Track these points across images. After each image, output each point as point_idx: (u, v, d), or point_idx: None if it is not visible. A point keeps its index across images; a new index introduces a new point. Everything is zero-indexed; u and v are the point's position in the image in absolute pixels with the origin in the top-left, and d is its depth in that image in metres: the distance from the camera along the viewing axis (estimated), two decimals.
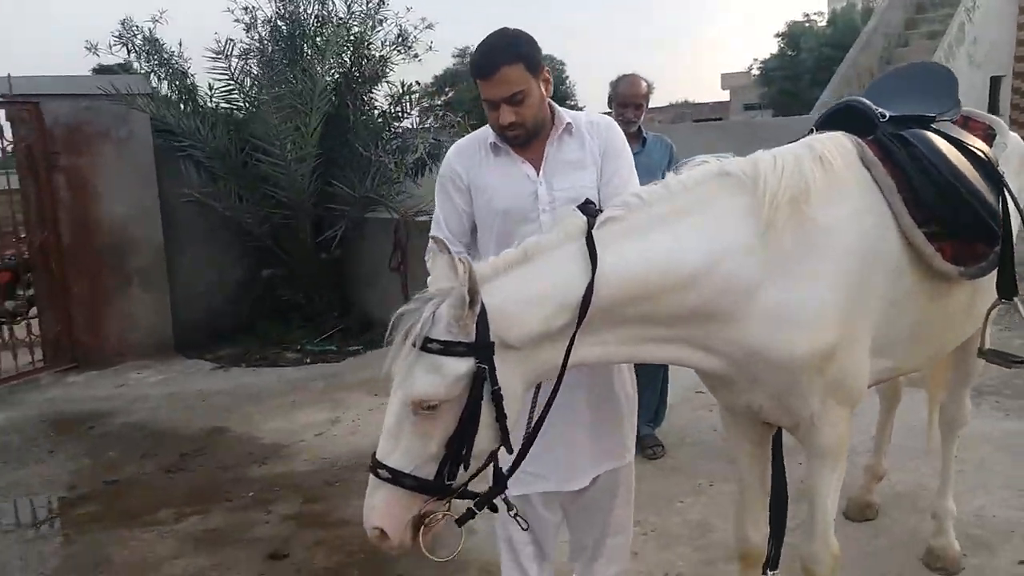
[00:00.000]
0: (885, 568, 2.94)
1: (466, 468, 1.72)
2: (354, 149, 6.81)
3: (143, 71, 7.14)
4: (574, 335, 1.75)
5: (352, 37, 6.91)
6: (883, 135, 2.19)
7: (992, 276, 2.29)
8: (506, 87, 2.11)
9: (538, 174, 2.26)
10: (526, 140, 2.23)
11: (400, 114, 7.24)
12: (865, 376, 2.09)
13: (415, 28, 7.42)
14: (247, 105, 6.98)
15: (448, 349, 1.64)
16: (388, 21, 7.31)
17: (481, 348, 1.65)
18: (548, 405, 1.84)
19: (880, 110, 2.27)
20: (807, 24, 27.57)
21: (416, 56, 7.50)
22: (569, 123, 2.29)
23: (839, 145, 2.10)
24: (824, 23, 26.98)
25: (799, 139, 2.25)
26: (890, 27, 12.71)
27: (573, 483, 2.36)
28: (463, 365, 1.65)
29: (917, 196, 2.08)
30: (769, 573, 2.40)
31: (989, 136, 2.52)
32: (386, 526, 1.68)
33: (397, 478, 1.67)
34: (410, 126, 7.20)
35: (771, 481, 2.37)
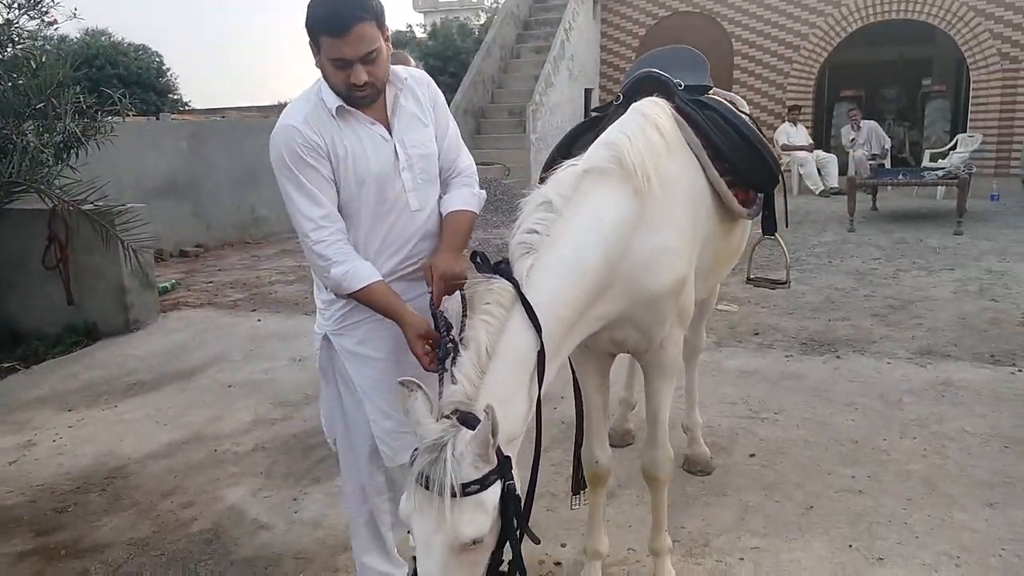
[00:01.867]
0: None
1: None
2: None
3: None
4: (539, 396, 1.90)
5: None
6: (682, 101, 2.59)
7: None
8: (363, 45, 2.01)
9: (390, 134, 2.22)
10: (373, 100, 2.16)
11: (39, 88, 6.14)
12: (694, 301, 2.48)
13: None
14: None
15: (484, 485, 1.65)
16: None
17: (506, 469, 1.69)
18: (535, 467, 1.90)
19: (677, 80, 2.68)
20: (409, 35, 29.19)
21: (53, 23, 6.49)
22: (406, 78, 2.27)
23: (663, 109, 2.44)
24: (425, 35, 28.79)
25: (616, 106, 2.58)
26: (505, 40, 14.17)
27: None
28: (497, 490, 1.67)
29: (717, 151, 2.51)
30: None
31: (733, 106, 3.10)
32: None
33: None
34: (54, 101, 6.12)
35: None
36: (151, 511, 3.37)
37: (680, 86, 2.65)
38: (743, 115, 2.84)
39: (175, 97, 28.61)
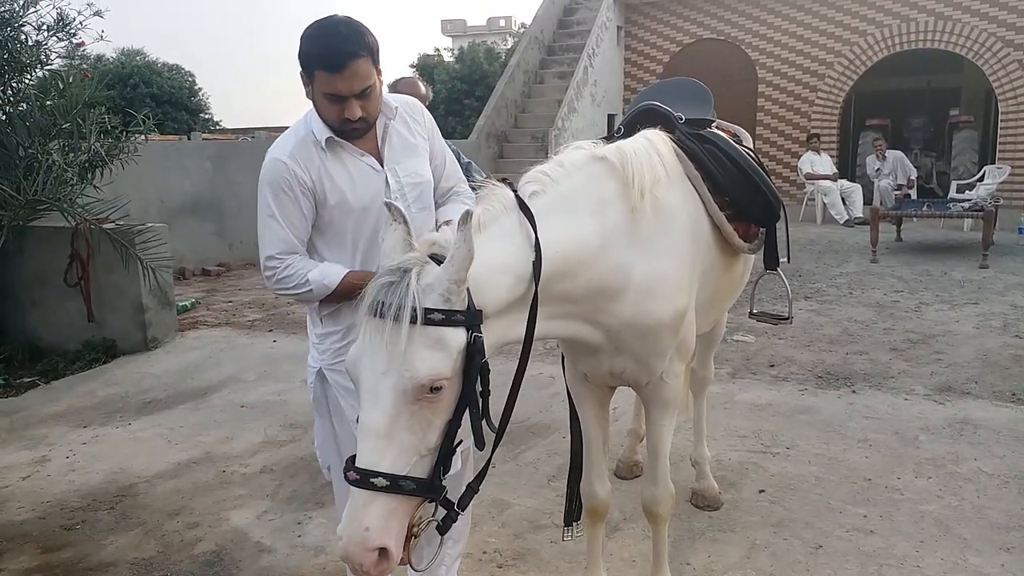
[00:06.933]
0: None
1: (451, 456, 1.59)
2: (10, 146, 5.79)
3: None
4: (535, 301, 1.78)
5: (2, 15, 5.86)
6: (683, 134, 2.59)
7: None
8: (358, 82, 2.05)
9: (381, 165, 2.24)
10: (364, 133, 2.19)
11: (66, 108, 6.29)
12: (695, 335, 2.46)
13: (79, 13, 6.57)
14: None
15: (449, 319, 1.53)
16: (44, 2, 6.38)
17: (475, 315, 1.58)
18: (518, 381, 1.81)
19: (678, 113, 2.68)
20: (437, 58, 29.50)
21: (81, 45, 6.66)
22: (396, 107, 2.28)
23: (664, 141, 2.43)
24: (452, 59, 29.08)
25: (618, 133, 2.58)
26: (529, 65, 14.27)
27: None
28: (462, 336, 1.55)
29: (716, 185, 2.50)
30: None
31: (737, 140, 3.09)
32: (390, 544, 1.49)
33: (395, 484, 1.49)
34: (80, 121, 6.26)
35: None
36: (157, 531, 3.38)
37: (681, 119, 2.64)
38: (745, 149, 2.83)
39: (206, 116, 29.16)
